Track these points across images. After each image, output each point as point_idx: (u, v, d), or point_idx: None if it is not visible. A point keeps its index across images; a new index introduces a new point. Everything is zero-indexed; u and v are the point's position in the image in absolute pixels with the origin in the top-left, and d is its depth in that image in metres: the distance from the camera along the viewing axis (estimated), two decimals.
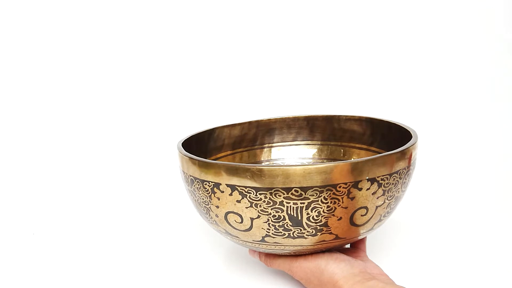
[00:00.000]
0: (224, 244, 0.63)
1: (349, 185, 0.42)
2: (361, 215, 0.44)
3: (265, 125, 0.67)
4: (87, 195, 0.82)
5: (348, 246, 0.54)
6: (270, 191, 0.41)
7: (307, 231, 0.43)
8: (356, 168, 0.41)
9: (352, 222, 0.44)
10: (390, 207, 0.46)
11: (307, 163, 0.61)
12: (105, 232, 0.68)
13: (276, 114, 0.69)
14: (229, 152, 0.65)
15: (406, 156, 0.45)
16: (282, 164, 0.67)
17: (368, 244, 0.60)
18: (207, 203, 0.46)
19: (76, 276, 0.56)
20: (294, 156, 0.68)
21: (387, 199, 0.45)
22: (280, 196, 0.42)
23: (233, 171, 0.42)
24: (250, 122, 0.66)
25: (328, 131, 0.67)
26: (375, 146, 0.62)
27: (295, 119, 0.67)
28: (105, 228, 0.69)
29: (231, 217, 0.45)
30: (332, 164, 0.41)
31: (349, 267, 0.46)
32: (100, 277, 0.56)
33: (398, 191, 0.46)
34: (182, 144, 0.52)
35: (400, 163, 0.44)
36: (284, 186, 0.41)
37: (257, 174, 0.41)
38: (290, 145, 0.68)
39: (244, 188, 0.42)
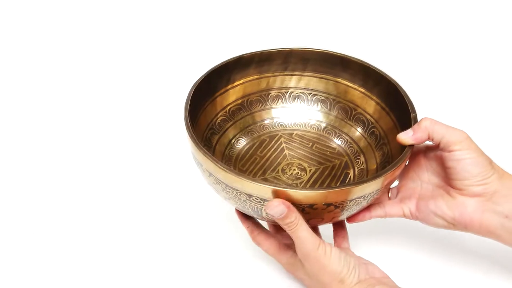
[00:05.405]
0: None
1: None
2: None
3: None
4: (87, 192, 0.71)
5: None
6: None
7: None
8: (351, 191, 0.43)
9: None
10: None
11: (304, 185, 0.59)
12: (105, 229, 0.65)
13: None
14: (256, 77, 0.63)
15: (397, 173, 0.47)
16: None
17: (363, 240, 0.60)
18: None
19: (76, 275, 0.56)
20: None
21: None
22: None
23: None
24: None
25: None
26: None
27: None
28: (105, 224, 0.66)
29: None
30: (327, 190, 0.43)
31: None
32: (99, 275, 0.56)
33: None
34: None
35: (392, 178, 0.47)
36: None
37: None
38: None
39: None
